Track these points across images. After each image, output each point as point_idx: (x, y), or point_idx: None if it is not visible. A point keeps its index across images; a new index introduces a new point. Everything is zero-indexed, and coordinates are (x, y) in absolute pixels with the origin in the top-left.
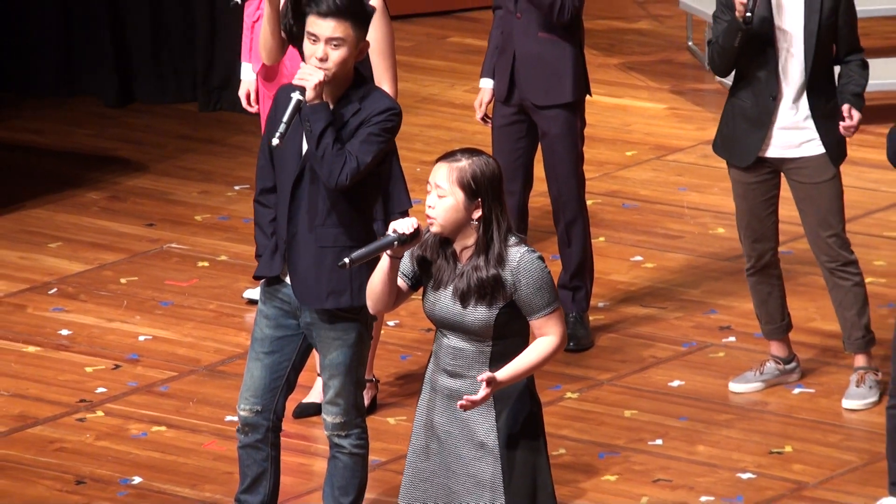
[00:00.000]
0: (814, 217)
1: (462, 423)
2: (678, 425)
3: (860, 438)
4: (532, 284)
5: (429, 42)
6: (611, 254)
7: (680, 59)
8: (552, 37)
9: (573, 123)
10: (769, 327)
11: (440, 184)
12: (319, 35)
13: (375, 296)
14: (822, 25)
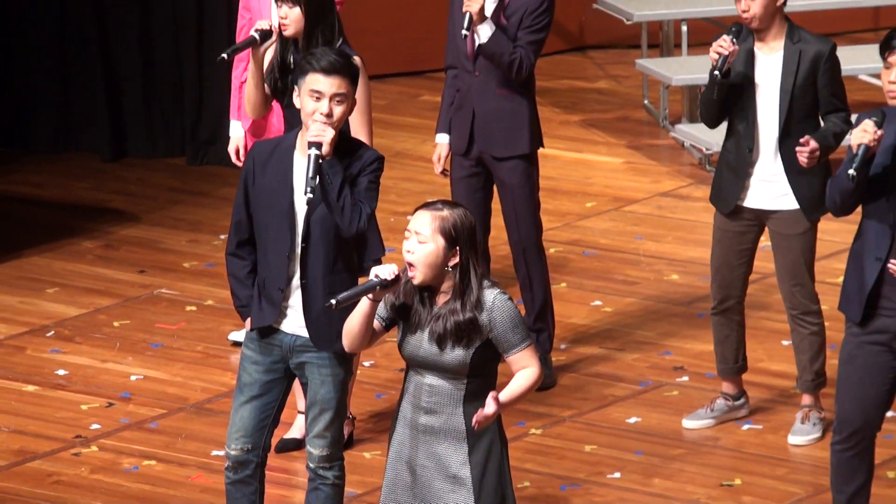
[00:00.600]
0: (783, 265)
1: (437, 458)
2: (635, 459)
3: (805, 472)
4: (507, 323)
5: (402, 100)
6: (572, 298)
7: (636, 117)
8: (509, 92)
9: (531, 173)
10: (722, 366)
11: (421, 230)
12: (324, 92)
13: (353, 335)
14: (796, 86)
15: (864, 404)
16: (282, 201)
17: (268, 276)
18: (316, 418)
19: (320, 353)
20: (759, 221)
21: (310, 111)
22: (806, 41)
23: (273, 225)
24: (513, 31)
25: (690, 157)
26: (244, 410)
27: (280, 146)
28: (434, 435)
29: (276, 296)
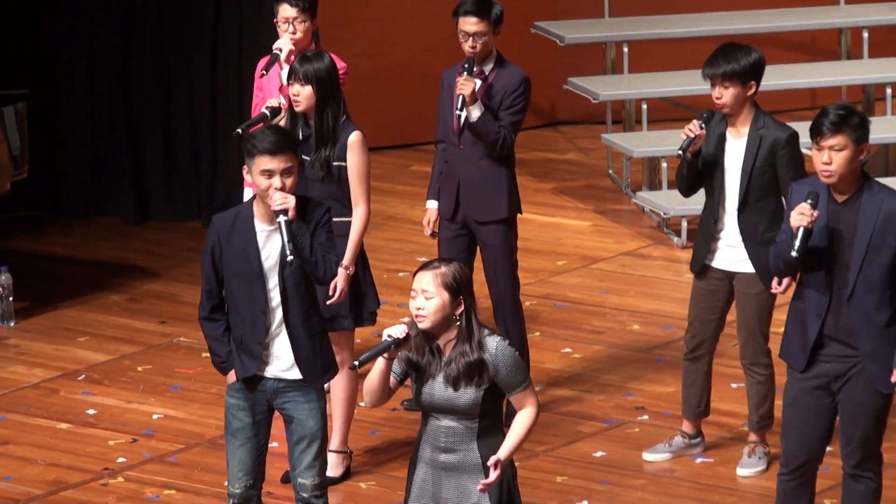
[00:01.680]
0: (741, 320)
1: (459, 490)
2: (601, 489)
3: (752, 500)
4: (510, 366)
5: (394, 170)
6: (545, 346)
7: (602, 185)
8: (490, 164)
9: (509, 235)
10: (686, 407)
11: (427, 288)
12: (274, 170)
13: (373, 392)
14: (755, 168)
15: (807, 442)
16: (251, 265)
17: (244, 332)
18: (306, 450)
19: (302, 390)
20: (728, 281)
21: (264, 188)
22: (768, 128)
23: (245, 287)
24: (495, 109)
25: (650, 221)
26: (241, 453)
27: (239, 217)
28: (454, 471)
29: (256, 349)
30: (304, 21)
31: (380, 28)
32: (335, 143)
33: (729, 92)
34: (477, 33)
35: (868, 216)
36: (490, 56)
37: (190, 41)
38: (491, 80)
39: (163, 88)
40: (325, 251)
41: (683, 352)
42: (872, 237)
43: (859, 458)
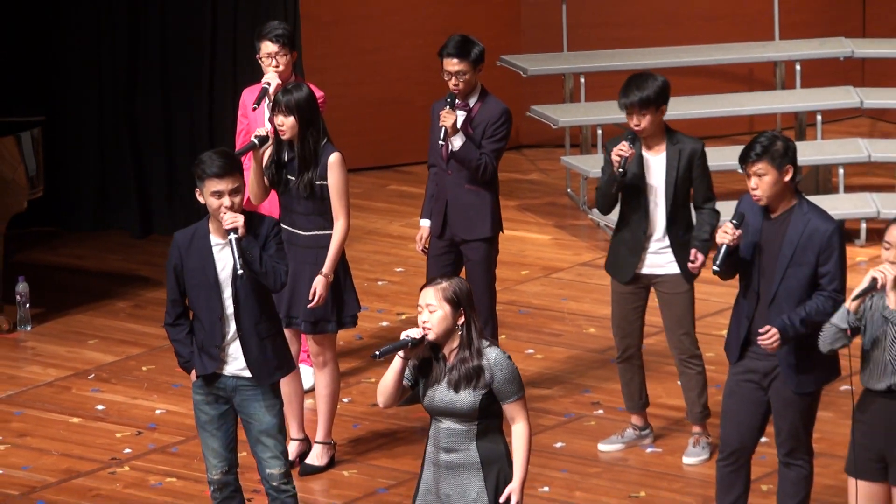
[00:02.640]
0: (670, 319)
1: (459, 487)
2: (560, 476)
3: (696, 485)
4: (506, 377)
5: (374, 189)
6: (510, 348)
7: (561, 202)
8: (476, 188)
9: (490, 253)
10: (629, 403)
11: (431, 302)
12: (224, 190)
13: (387, 392)
14: (678, 181)
15: (741, 430)
16: (208, 277)
17: (205, 337)
18: (267, 443)
19: (258, 388)
20: (647, 285)
21: (215, 207)
22: (682, 142)
23: (203, 296)
24: (478, 138)
25: (604, 234)
26: (213, 442)
27: (196, 233)
28: (454, 469)
29: (214, 352)
30: (285, 55)
31: (360, 60)
32: (317, 165)
33: (646, 118)
34: (459, 72)
35: (793, 233)
36: (474, 90)
37: (189, 73)
38: (475, 111)
39: (165, 116)
40: (275, 262)
41: (616, 356)
42: (795, 253)
43: (789, 448)
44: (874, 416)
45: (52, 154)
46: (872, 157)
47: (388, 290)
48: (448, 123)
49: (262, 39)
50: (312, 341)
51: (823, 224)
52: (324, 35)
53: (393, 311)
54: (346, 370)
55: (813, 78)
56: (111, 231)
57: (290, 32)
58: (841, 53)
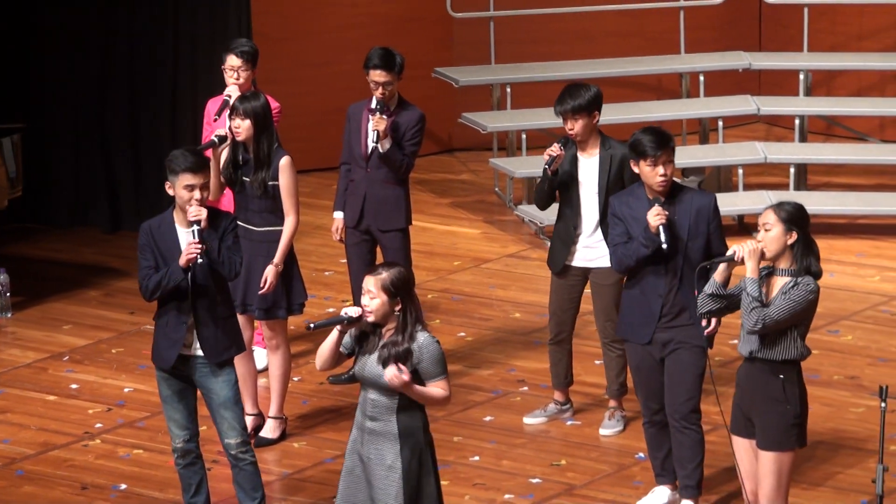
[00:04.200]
0: (600, 307)
1: (377, 451)
2: (489, 447)
3: (611, 454)
4: (431, 358)
5: (321, 188)
6: (443, 331)
7: (490, 200)
8: (391, 184)
9: (405, 242)
10: (556, 381)
11: (371, 290)
12: (195, 184)
13: (324, 357)
14: (609, 182)
15: (656, 395)
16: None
17: (169, 318)
18: (225, 415)
19: (214, 364)
20: (583, 276)
21: (186, 199)
22: (614, 147)
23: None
24: (398, 140)
25: (528, 229)
26: (175, 413)
27: (163, 222)
28: (376, 436)
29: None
30: (247, 70)
31: (308, 73)
32: (269, 166)
33: (579, 123)
34: (385, 82)
35: (683, 212)
36: (394, 97)
37: (153, 85)
38: (395, 117)
39: (132, 122)
40: (230, 254)
41: (549, 338)
42: (690, 228)
43: (686, 412)
44: (743, 380)
45: (30, 157)
46: (768, 158)
47: (333, 279)
48: (381, 128)
49: (228, 52)
50: (266, 326)
51: (705, 198)
52: (276, 51)
53: (338, 299)
54: (296, 352)
55: (715, 87)
56: (84, 227)
57: (255, 50)
58: (740, 65)
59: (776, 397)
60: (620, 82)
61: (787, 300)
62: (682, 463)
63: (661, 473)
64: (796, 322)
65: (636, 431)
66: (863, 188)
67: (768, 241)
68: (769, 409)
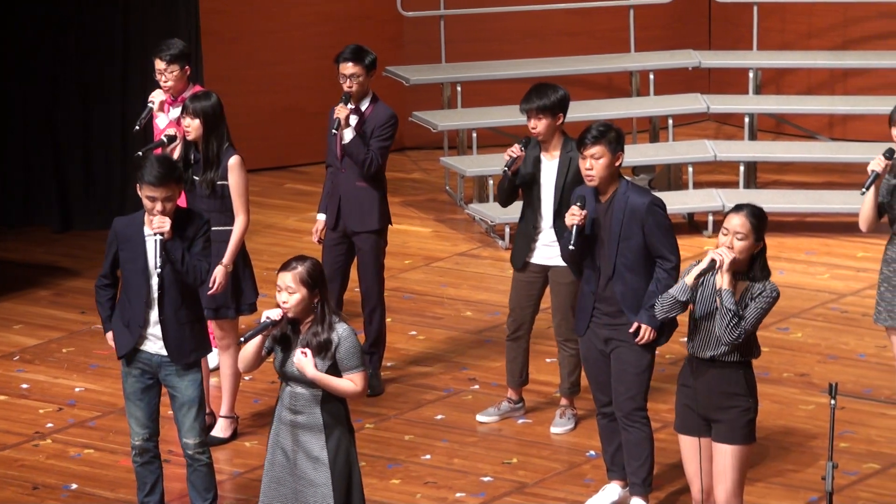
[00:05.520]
0: (556, 305)
1: (303, 444)
2: (441, 445)
3: (563, 452)
4: (349, 349)
5: (271, 187)
6: (395, 330)
7: (441, 199)
8: (365, 185)
9: (379, 244)
10: (511, 378)
11: (289, 285)
12: (157, 196)
13: (248, 361)
14: (566, 183)
15: (603, 388)
16: (139, 264)
17: (132, 316)
18: (185, 416)
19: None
20: (543, 274)
21: (149, 208)
22: (574, 150)
23: (134, 281)
24: (367, 138)
25: (479, 228)
26: (137, 411)
27: (134, 222)
28: (300, 428)
29: (135, 330)
30: (174, 70)
31: (259, 72)
32: (219, 166)
33: (542, 123)
34: (353, 75)
35: (618, 212)
36: (366, 95)
37: (103, 85)
38: (367, 114)
39: (82, 122)
40: (196, 260)
41: (506, 334)
42: (622, 229)
43: (630, 409)
44: (698, 381)
45: None
46: (718, 156)
47: None
48: (342, 115)
49: (154, 57)
50: (216, 326)
51: (640, 199)
52: (227, 50)
53: None
54: None
55: (664, 86)
56: (35, 227)
57: (179, 51)
58: (689, 64)
59: (739, 392)
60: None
61: (758, 309)
62: (629, 460)
63: (611, 468)
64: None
65: (587, 430)
66: (812, 186)
67: (740, 251)
68: (733, 405)
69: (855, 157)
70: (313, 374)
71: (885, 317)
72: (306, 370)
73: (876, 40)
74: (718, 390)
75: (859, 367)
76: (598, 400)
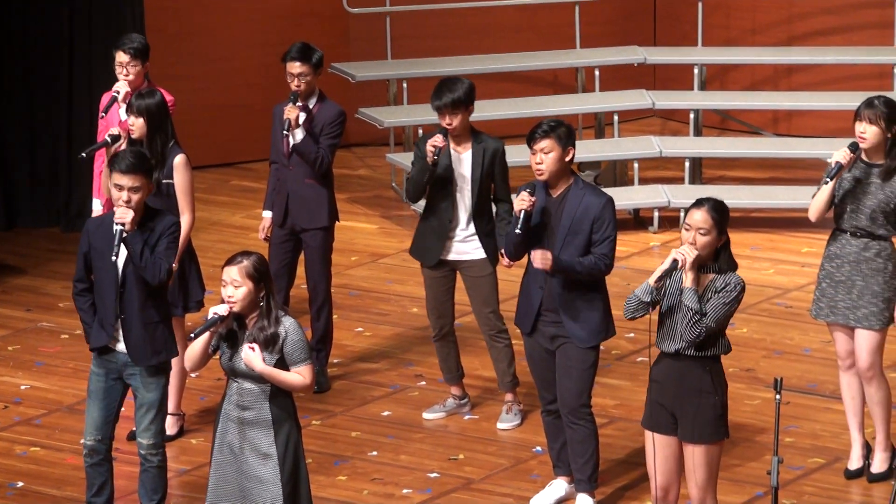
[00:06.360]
0: (478, 299)
1: (250, 440)
2: (388, 441)
3: (509, 448)
4: (296, 343)
5: (217, 184)
6: (342, 327)
7: (387, 195)
8: (313, 182)
9: (327, 240)
10: (448, 376)
11: (235, 278)
12: (124, 185)
13: (195, 359)
14: (482, 176)
15: (547, 385)
16: (108, 260)
17: (104, 315)
18: (144, 416)
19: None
20: (453, 269)
21: (115, 197)
22: (486, 141)
23: (104, 277)
24: (317, 135)
25: None
26: (94, 411)
27: (104, 221)
28: (248, 424)
29: (109, 328)
30: (136, 66)
31: (205, 69)
32: (164, 165)
33: (458, 117)
34: (301, 74)
35: (571, 207)
36: (314, 93)
37: (49, 81)
38: (315, 112)
39: (28, 119)
40: (157, 258)
41: (432, 334)
42: (573, 224)
43: (574, 406)
44: (665, 376)
45: None
46: (663, 152)
47: None
48: (292, 116)
49: (116, 49)
50: None
51: (596, 198)
52: (172, 46)
53: None
54: None
55: (610, 82)
56: None
57: (143, 46)
58: (635, 60)
59: (706, 389)
60: (516, 77)
61: (722, 304)
62: (574, 457)
63: (557, 464)
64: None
65: (534, 425)
66: (757, 182)
67: (703, 246)
68: (700, 402)
69: (799, 153)
70: (261, 369)
71: (826, 312)
72: (255, 365)
73: (820, 36)
74: (684, 387)
75: (804, 361)
76: (543, 397)
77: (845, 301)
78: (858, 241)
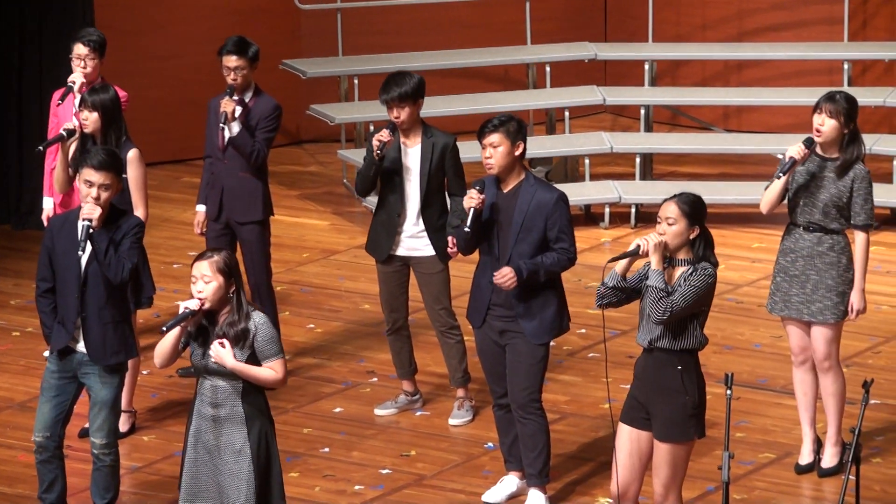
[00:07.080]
0: (429, 296)
1: (224, 438)
2: (340, 438)
3: (460, 444)
4: (267, 337)
5: (169, 181)
6: (293, 323)
7: (338, 192)
8: (248, 175)
9: (264, 233)
10: (400, 371)
11: (205, 273)
12: (94, 181)
13: (164, 355)
14: (431, 170)
15: (498, 379)
16: (71, 258)
17: (65, 313)
18: (97, 415)
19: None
20: (406, 264)
21: (84, 195)
22: (436, 136)
23: (67, 276)
24: (253, 129)
25: None
26: (45, 408)
27: (68, 219)
28: (221, 422)
29: (70, 327)
30: (94, 59)
31: (155, 66)
32: None
33: (405, 111)
34: (237, 68)
35: (523, 203)
36: (249, 87)
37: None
38: (250, 106)
39: None
40: (120, 258)
41: (385, 329)
42: (525, 220)
43: (524, 401)
44: (642, 371)
45: None
46: (614, 148)
47: (182, 272)
48: (228, 110)
49: (75, 41)
50: None
51: (548, 194)
52: (121, 43)
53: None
54: (145, 345)
55: (561, 78)
56: None
57: (102, 40)
58: (585, 56)
59: (675, 388)
60: (467, 73)
61: (689, 287)
62: (525, 451)
63: (508, 459)
64: (699, 308)
65: (485, 421)
66: (707, 177)
67: (671, 236)
68: (668, 401)
69: (749, 149)
70: (233, 365)
71: (781, 307)
72: (226, 361)
73: (770, 32)
74: (655, 383)
75: (755, 356)
76: (493, 392)
77: (799, 295)
78: (812, 236)
